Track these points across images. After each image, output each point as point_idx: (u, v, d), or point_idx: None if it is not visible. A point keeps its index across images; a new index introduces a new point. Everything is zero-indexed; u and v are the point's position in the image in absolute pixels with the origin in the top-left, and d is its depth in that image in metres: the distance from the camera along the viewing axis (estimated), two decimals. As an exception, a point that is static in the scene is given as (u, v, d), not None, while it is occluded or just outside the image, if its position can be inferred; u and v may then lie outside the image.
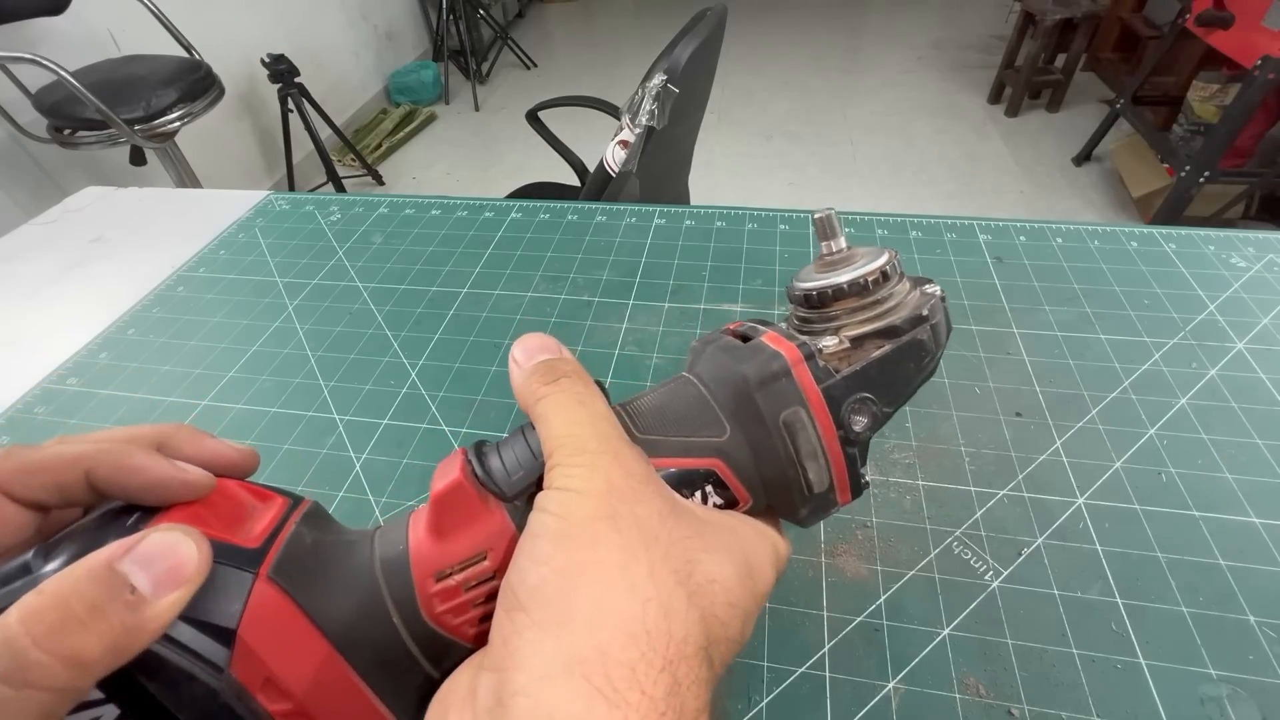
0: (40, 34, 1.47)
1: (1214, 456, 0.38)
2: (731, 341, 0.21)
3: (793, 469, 0.20)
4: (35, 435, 0.46)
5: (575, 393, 0.19)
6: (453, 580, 0.18)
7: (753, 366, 0.19)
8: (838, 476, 0.20)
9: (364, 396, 0.47)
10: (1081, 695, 0.29)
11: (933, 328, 0.20)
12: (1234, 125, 1.59)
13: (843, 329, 0.20)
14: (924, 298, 0.21)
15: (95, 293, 0.61)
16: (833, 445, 0.20)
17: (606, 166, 1.03)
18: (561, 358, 0.21)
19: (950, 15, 3.40)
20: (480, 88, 3.05)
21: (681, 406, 0.21)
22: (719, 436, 0.20)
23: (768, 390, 0.19)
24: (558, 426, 0.18)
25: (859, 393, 0.20)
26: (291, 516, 0.19)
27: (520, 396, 0.20)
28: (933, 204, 2.09)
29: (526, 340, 0.21)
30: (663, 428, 0.20)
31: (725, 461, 0.20)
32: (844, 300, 0.20)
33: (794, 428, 0.19)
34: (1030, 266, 0.53)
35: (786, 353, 0.19)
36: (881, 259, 0.20)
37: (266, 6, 2.18)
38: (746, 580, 0.18)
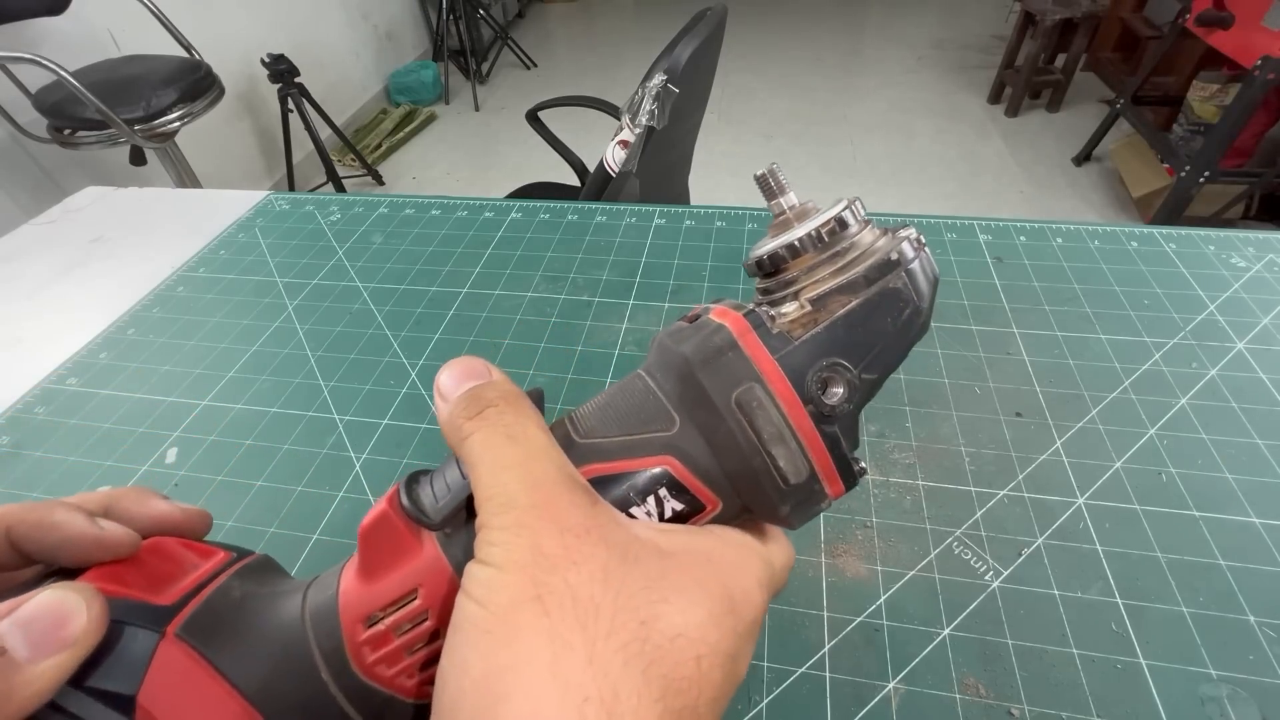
0: (40, 34, 1.47)
1: (1214, 456, 0.38)
2: (679, 325, 0.19)
3: (758, 457, 0.17)
4: (35, 435, 0.46)
5: (503, 426, 0.16)
6: (382, 625, 0.16)
7: (692, 344, 0.17)
8: (819, 462, 0.17)
9: (364, 396, 0.47)
10: (1081, 695, 0.29)
11: (908, 273, 0.17)
12: (1234, 125, 1.59)
13: (802, 291, 0.18)
14: (893, 241, 0.18)
15: (95, 293, 0.61)
16: (802, 423, 0.17)
17: (606, 166, 1.03)
18: (489, 382, 0.18)
19: (950, 15, 3.40)
20: (480, 88, 3.05)
21: (626, 402, 0.18)
22: (667, 430, 0.17)
23: (712, 368, 0.17)
24: (485, 475, 0.15)
25: (826, 358, 0.17)
26: (226, 571, 0.17)
27: (446, 436, 0.17)
28: (933, 204, 2.09)
29: (452, 367, 0.18)
30: (604, 428, 0.18)
31: (678, 458, 0.17)
32: (800, 259, 0.18)
33: (749, 407, 0.16)
34: (1030, 266, 0.53)
35: (730, 323, 0.17)
36: (836, 208, 0.18)
37: (266, 6, 2.18)
38: (725, 618, 0.15)
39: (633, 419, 0.18)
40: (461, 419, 0.17)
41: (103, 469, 0.43)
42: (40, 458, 0.45)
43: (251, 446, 0.44)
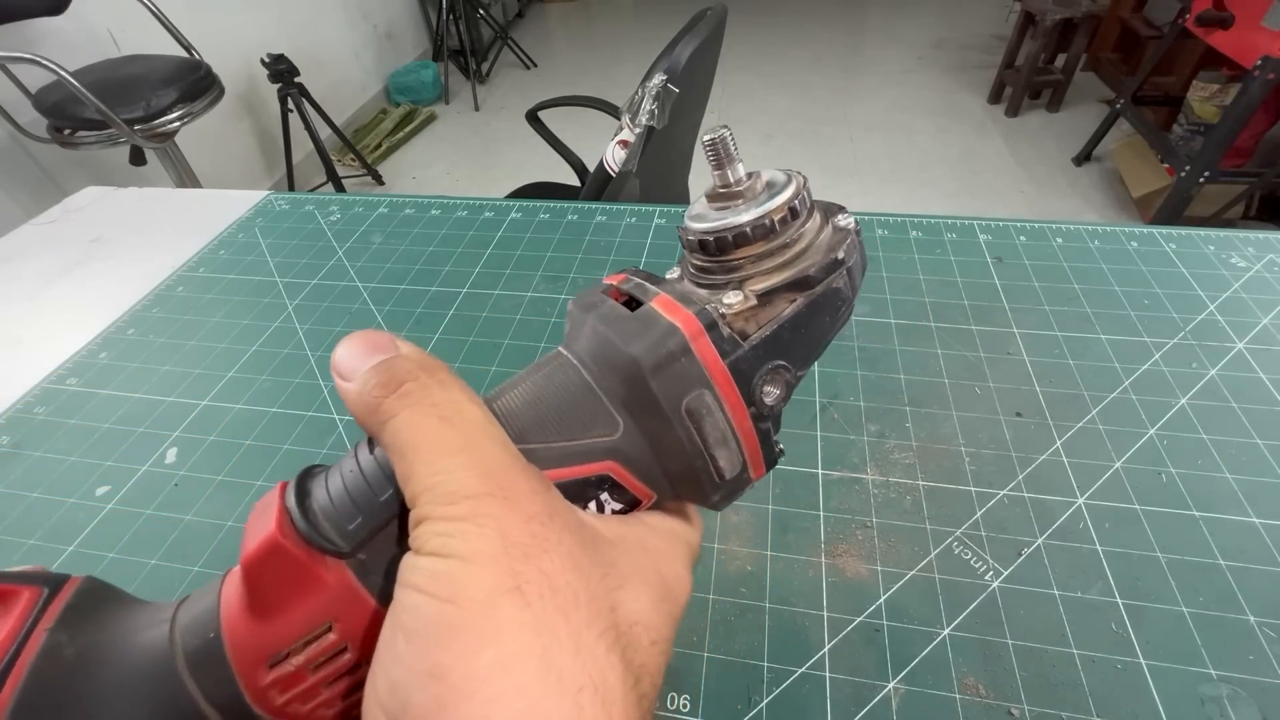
0: (40, 34, 1.46)
1: (1214, 456, 0.38)
2: (615, 309, 0.17)
3: (701, 460, 0.17)
4: (35, 435, 0.46)
5: (431, 404, 0.15)
6: (293, 664, 0.14)
7: (644, 347, 0.16)
8: (751, 456, 0.17)
9: (364, 396, 0.47)
10: (1081, 695, 0.29)
11: (848, 271, 0.17)
12: (1234, 125, 1.59)
13: (747, 281, 0.17)
14: (837, 235, 0.17)
15: (95, 293, 0.61)
16: (744, 425, 0.17)
17: (606, 166, 1.03)
18: (400, 355, 0.16)
19: (950, 15, 3.40)
20: (480, 88, 3.05)
21: (562, 400, 0.17)
22: (610, 434, 0.16)
23: (665, 375, 0.16)
24: (420, 465, 0.14)
25: (772, 361, 0.17)
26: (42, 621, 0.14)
27: (361, 419, 0.15)
28: (933, 204, 2.09)
29: (350, 341, 0.16)
30: (541, 430, 0.16)
31: (620, 462, 0.17)
32: (746, 246, 0.17)
33: (699, 415, 0.16)
34: (1030, 266, 0.53)
35: (683, 324, 0.16)
36: (787, 192, 0.17)
37: (266, 6, 2.18)
38: (664, 603, 0.16)
39: (572, 422, 0.17)
40: (378, 398, 0.15)
41: (103, 469, 0.43)
42: (40, 458, 0.45)
43: (251, 446, 0.44)
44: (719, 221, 0.17)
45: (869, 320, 0.49)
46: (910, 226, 0.58)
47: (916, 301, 0.51)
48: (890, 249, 0.56)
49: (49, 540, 0.39)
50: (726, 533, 0.37)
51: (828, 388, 0.44)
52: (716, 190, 0.18)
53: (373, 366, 0.15)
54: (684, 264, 0.19)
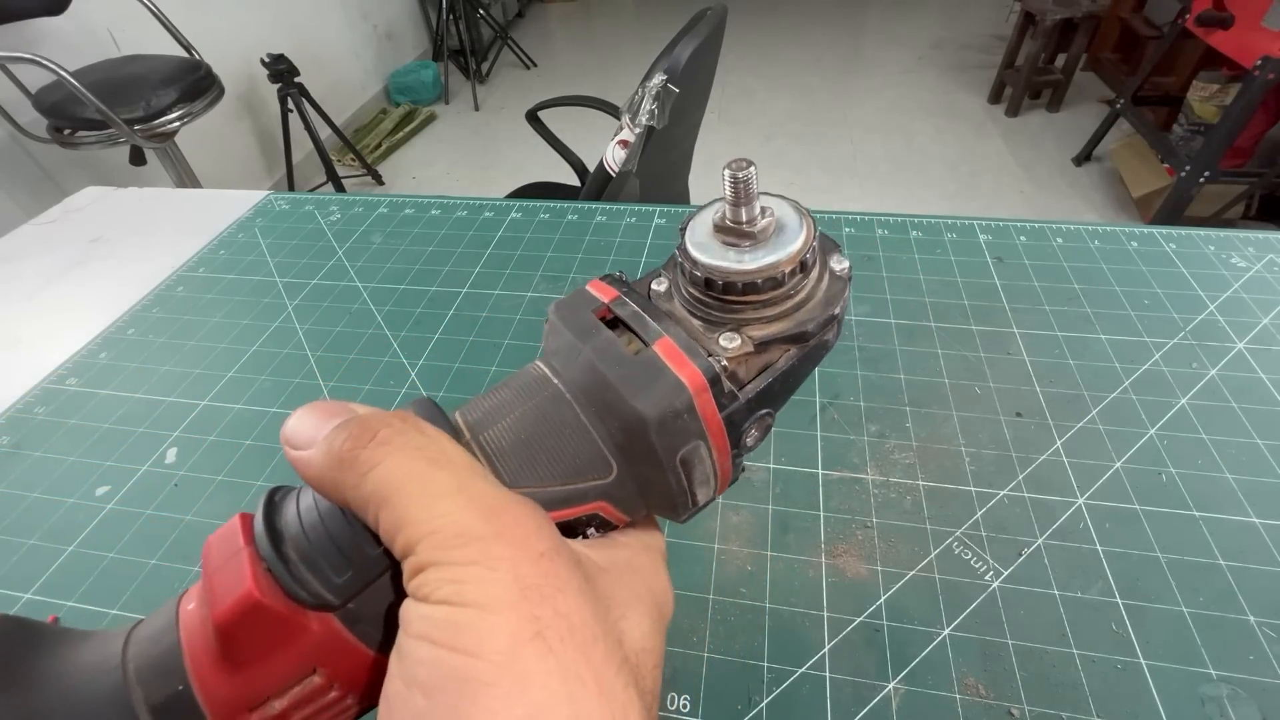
0: (40, 34, 1.46)
1: (1214, 456, 0.38)
2: (615, 348, 0.16)
3: (683, 496, 0.17)
4: (35, 435, 0.46)
5: (416, 448, 0.14)
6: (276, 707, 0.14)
7: (650, 403, 0.15)
8: (723, 484, 0.18)
9: (364, 397, 0.47)
10: (1081, 695, 0.29)
11: (839, 322, 0.18)
12: (1234, 125, 1.59)
13: (746, 326, 0.17)
14: (834, 285, 0.18)
15: (95, 293, 0.61)
16: (725, 465, 0.17)
17: (606, 166, 1.03)
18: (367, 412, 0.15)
19: (950, 15, 3.40)
20: (480, 87, 3.05)
21: (556, 440, 0.16)
22: (605, 478, 0.16)
23: (668, 431, 0.15)
24: (414, 508, 0.13)
25: (760, 410, 0.17)
26: None
27: (330, 483, 0.14)
28: (933, 204, 2.09)
29: (301, 413, 0.15)
30: (534, 473, 0.16)
31: (610, 502, 0.17)
32: (753, 294, 0.17)
33: (691, 464, 0.16)
34: (1030, 266, 0.53)
35: (689, 381, 0.15)
36: (799, 241, 0.17)
37: (266, 6, 2.18)
38: (659, 622, 0.16)
39: (566, 466, 0.16)
40: (355, 449, 0.14)
41: (102, 469, 0.43)
42: (40, 458, 0.45)
43: (251, 446, 0.44)
44: (729, 264, 0.17)
45: (869, 320, 0.49)
46: (910, 226, 0.58)
47: (916, 301, 0.51)
48: (890, 249, 0.56)
49: (49, 540, 0.39)
50: (726, 533, 0.37)
51: (828, 388, 0.44)
52: (726, 223, 0.17)
53: (336, 426, 0.15)
54: (674, 278, 0.19)
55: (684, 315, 0.18)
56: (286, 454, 0.15)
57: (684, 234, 0.18)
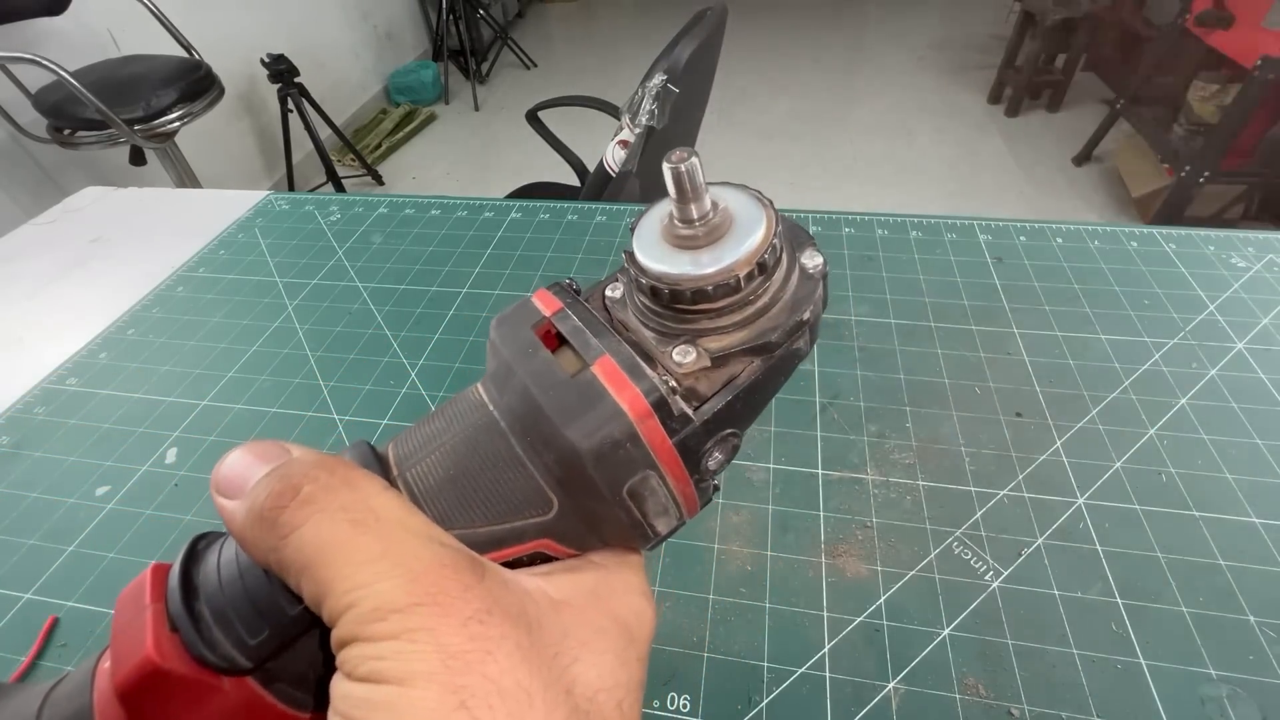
0: (40, 34, 1.46)
1: (1214, 456, 0.38)
2: (550, 369, 0.15)
3: (640, 529, 0.15)
4: (35, 435, 0.46)
5: (339, 508, 0.13)
6: None
7: (584, 432, 0.14)
8: (689, 510, 0.16)
9: (364, 396, 0.47)
10: (1081, 695, 0.29)
11: (810, 328, 0.16)
12: (1234, 125, 1.59)
13: (702, 337, 0.15)
14: (803, 286, 0.16)
15: (95, 293, 0.61)
16: (687, 491, 0.15)
17: (606, 166, 1.03)
18: (295, 460, 0.14)
19: (950, 15, 3.40)
20: (480, 88, 3.05)
21: (491, 478, 0.15)
22: (544, 514, 0.15)
23: (607, 463, 0.14)
24: (333, 579, 0.12)
25: (722, 431, 0.15)
26: None
27: (251, 543, 0.13)
28: (933, 204, 2.09)
29: (234, 456, 0.14)
30: (466, 513, 0.15)
31: (554, 538, 0.15)
32: (705, 302, 0.15)
33: (641, 496, 0.15)
34: (1030, 266, 0.53)
35: (630, 406, 0.14)
36: (756, 237, 0.15)
37: (266, 6, 2.18)
38: (627, 650, 0.15)
39: (500, 504, 0.15)
40: (273, 512, 0.13)
41: (102, 469, 0.43)
42: (40, 458, 0.45)
43: (251, 446, 0.44)
44: (676, 270, 0.15)
45: (869, 320, 0.49)
46: (910, 226, 0.58)
47: (916, 301, 0.51)
48: (890, 249, 0.56)
49: (49, 540, 0.39)
50: (726, 533, 0.37)
51: (828, 388, 0.44)
52: (675, 223, 0.15)
53: (262, 478, 0.13)
54: (628, 291, 0.17)
55: (637, 326, 0.16)
56: (215, 501, 0.14)
57: (633, 235, 0.16)
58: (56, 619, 0.36)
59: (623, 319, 0.16)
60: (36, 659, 0.34)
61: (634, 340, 0.16)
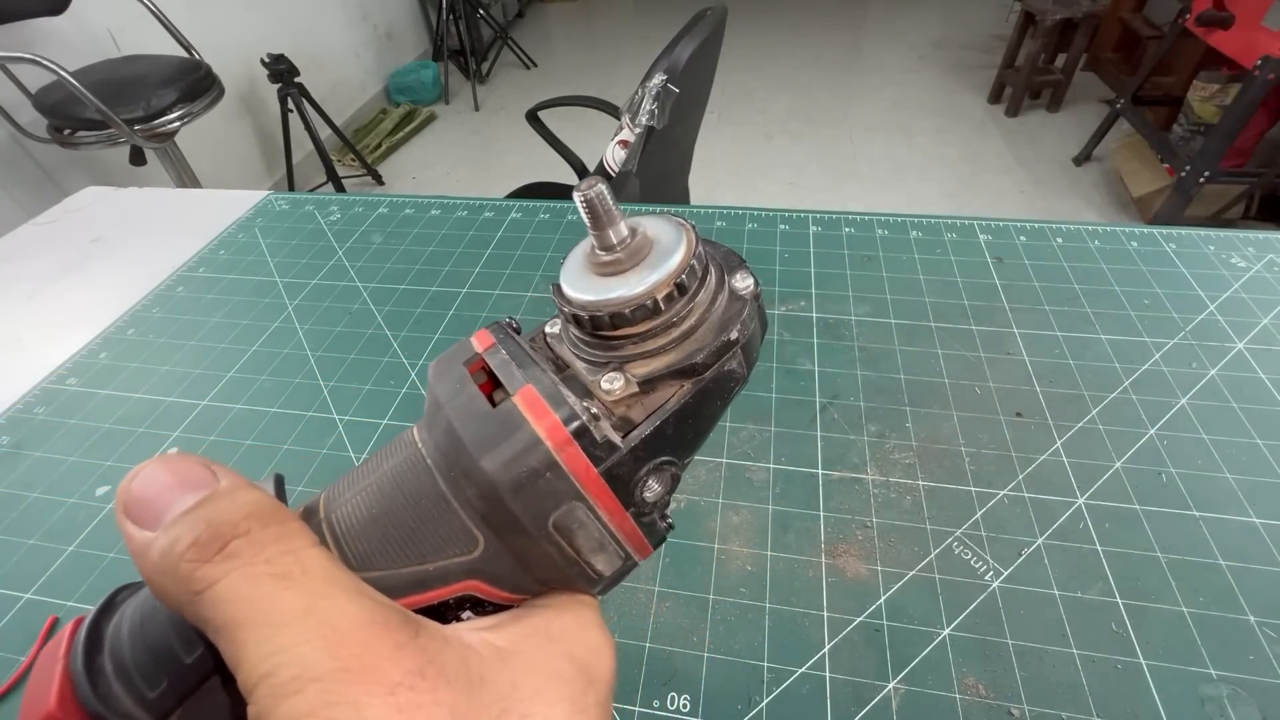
0: (40, 34, 1.46)
1: (1214, 456, 0.38)
2: (474, 402, 0.15)
3: (575, 567, 0.15)
4: (35, 435, 0.46)
5: (263, 561, 0.11)
6: None
7: (500, 462, 0.13)
8: (635, 548, 0.16)
9: (364, 396, 0.47)
10: (1081, 695, 0.29)
11: (743, 349, 0.15)
12: (1234, 125, 1.59)
13: (630, 363, 0.15)
14: (732, 306, 0.15)
15: (95, 293, 0.61)
16: (625, 526, 0.15)
17: (606, 166, 1.03)
18: (220, 492, 0.12)
19: (951, 15, 3.40)
20: (480, 88, 3.05)
21: (413, 516, 0.14)
22: (469, 553, 0.14)
23: (526, 494, 0.14)
24: (251, 644, 0.11)
25: (654, 459, 0.15)
26: None
27: (159, 589, 0.12)
28: (933, 204, 2.09)
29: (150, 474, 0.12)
30: (387, 555, 0.14)
31: (484, 580, 0.15)
32: (626, 326, 0.15)
33: (569, 530, 0.14)
34: (1030, 266, 0.53)
35: (548, 434, 0.14)
36: (674, 260, 0.15)
37: (266, 6, 2.18)
38: (585, 695, 0.14)
39: (424, 543, 0.14)
40: (192, 561, 0.11)
41: (102, 469, 0.43)
42: (40, 458, 0.45)
43: (251, 446, 0.44)
44: (595, 296, 0.15)
45: (869, 320, 0.49)
46: (910, 226, 0.58)
47: (916, 301, 0.51)
48: (890, 249, 0.56)
49: (49, 540, 0.40)
50: (726, 533, 0.37)
51: (828, 388, 0.44)
52: (596, 251, 0.15)
53: (185, 513, 0.12)
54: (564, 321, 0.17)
55: (571, 359, 0.16)
56: (119, 523, 0.12)
57: (561, 267, 0.16)
58: (56, 619, 0.36)
59: (561, 354, 0.16)
60: (36, 659, 0.34)
61: (568, 374, 0.16)
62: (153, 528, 0.12)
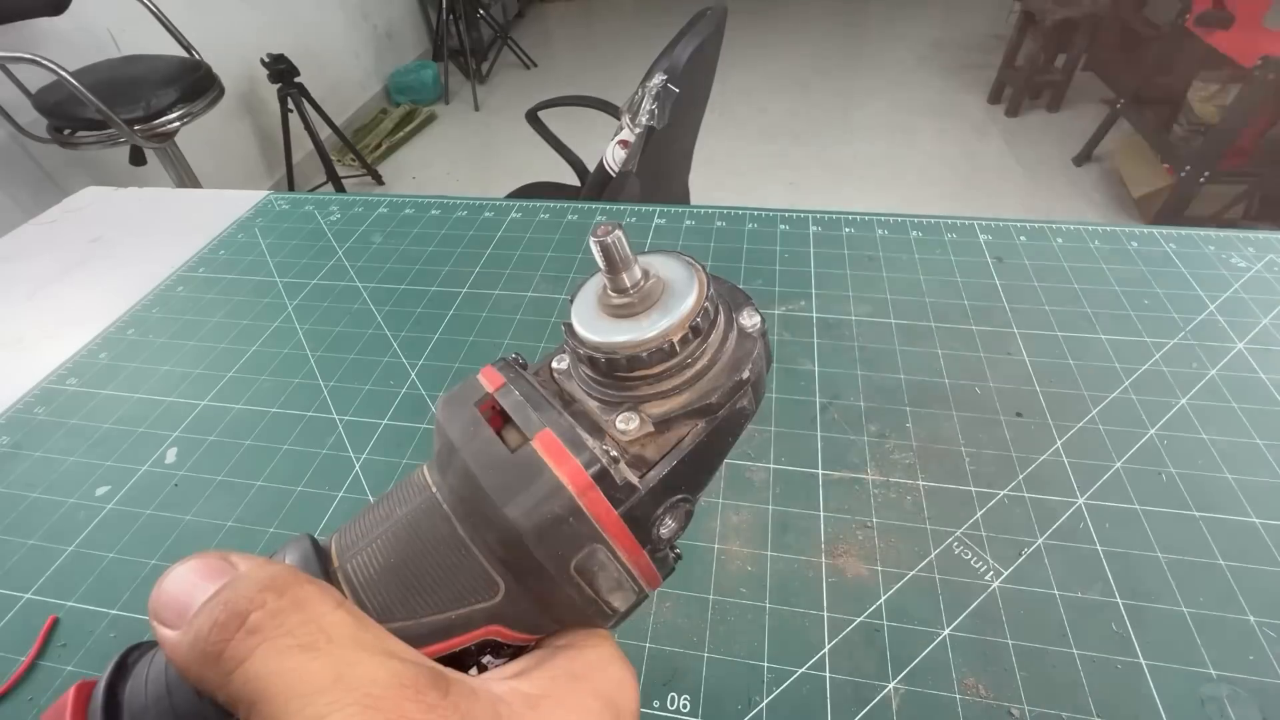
0: (40, 34, 1.46)
1: (1214, 456, 0.38)
2: (490, 447, 0.15)
3: (594, 606, 0.15)
4: (35, 435, 0.46)
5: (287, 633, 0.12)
6: None
7: (524, 510, 0.13)
8: (648, 582, 0.16)
9: (364, 396, 0.47)
10: (1081, 695, 0.29)
11: (753, 386, 0.16)
12: (1234, 125, 1.59)
13: (644, 403, 0.15)
14: (742, 345, 0.16)
15: (95, 293, 0.61)
16: (640, 563, 0.15)
17: (606, 166, 1.03)
18: (241, 576, 0.13)
19: (951, 15, 3.40)
20: (480, 88, 3.05)
21: (431, 561, 0.15)
22: (490, 599, 0.14)
23: (550, 540, 0.14)
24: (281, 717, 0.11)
25: (670, 497, 0.15)
26: None
27: (195, 679, 0.12)
28: (933, 204, 2.09)
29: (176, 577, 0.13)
30: (407, 603, 0.14)
31: (504, 624, 0.15)
32: (642, 369, 0.15)
33: (590, 572, 0.14)
34: (1030, 266, 0.53)
35: (570, 479, 0.14)
36: (688, 304, 0.15)
37: (266, 6, 2.18)
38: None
39: (444, 590, 0.14)
40: (217, 646, 0.12)
41: (103, 469, 0.43)
42: (40, 458, 0.45)
43: (251, 446, 0.44)
44: (612, 339, 0.15)
45: (869, 320, 0.49)
46: (910, 226, 0.58)
47: (916, 301, 0.51)
48: (890, 249, 0.56)
49: (49, 540, 0.40)
50: (726, 533, 0.37)
51: (828, 388, 0.44)
52: (609, 293, 0.16)
53: (205, 604, 0.12)
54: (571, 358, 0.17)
55: (582, 397, 0.16)
56: (154, 632, 0.13)
57: (571, 306, 0.16)
58: (56, 619, 0.36)
59: (570, 390, 0.16)
60: (36, 659, 0.34)
61: (580, 411, 0.16)
62: (179, 626, 0.12)
